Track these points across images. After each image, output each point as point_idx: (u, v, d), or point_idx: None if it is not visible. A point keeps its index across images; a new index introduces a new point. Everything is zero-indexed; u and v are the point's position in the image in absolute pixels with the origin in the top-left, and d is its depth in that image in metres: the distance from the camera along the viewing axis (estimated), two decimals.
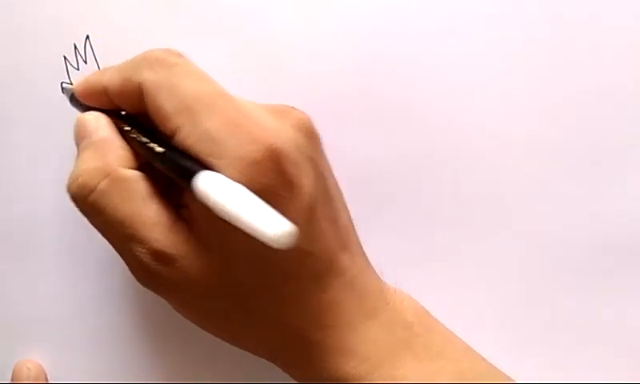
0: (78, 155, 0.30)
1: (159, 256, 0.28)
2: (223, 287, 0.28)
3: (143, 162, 0.30)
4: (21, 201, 0.37)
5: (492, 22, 0.34)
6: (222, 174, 0.26)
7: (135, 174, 0.29)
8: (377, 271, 0.32)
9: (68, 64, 0.35)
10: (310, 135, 0.30)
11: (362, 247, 0.32)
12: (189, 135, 0.27)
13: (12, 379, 0.37)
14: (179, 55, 0.30)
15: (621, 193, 0.34)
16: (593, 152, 0.34)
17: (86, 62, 0.35)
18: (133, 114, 0.31)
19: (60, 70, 0.36)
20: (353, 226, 0.32)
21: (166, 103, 0.28)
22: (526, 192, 0.34)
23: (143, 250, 0.28)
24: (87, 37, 0.35)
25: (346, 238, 0.31)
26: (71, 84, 0.36)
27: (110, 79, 0.30)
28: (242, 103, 0.28)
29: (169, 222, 0.28)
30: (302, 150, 0.28)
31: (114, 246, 0.29)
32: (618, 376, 0.34)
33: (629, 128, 0.33)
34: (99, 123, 0.30)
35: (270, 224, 0.24)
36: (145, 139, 0.29)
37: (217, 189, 0.25)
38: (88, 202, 0.28)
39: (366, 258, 0.32)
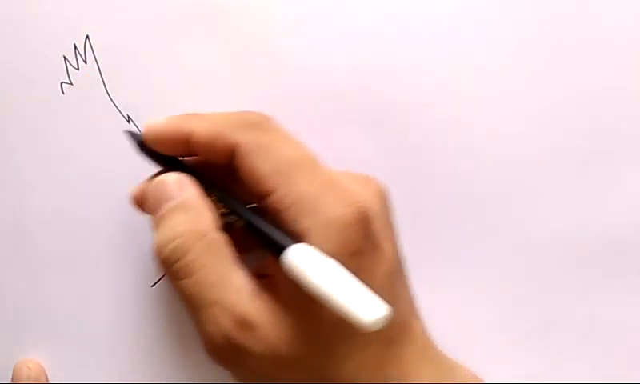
0: (165, 217, 0.29)
1: (241, 322, 0.28)
2: (308, 357, 0.28)
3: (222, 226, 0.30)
4: (21, 201, 0.37)
5: (492, 23, 0.34)
6: (318, 235, 0.27)
7: (225, 238, 0.29)
8: None
9: (68, 64, 0.35)
10: (387, 204, 0.31)
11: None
12: (285, 196, 0.28)
13: (12, 379, 0.37)
14: (274, 120, 0.31)
15: (621, 193, 0.34)
16: (593, 152, 0.34)
17: (85, 62, 0.35)
18: (210, 169, 0.30)
19: (60, 70, 0.36)
20: (413, 295, 0.32)
21: (263, 165, 0.28)
22: (526, 192, 0.34)
23: (226, 315, 0.28)
24: (87, 37, 0.35)
25: (415, 305, 0.31)
26: (71, 84, 0.36)
27: (199, 128, 0.30)
28: (332, 172, 0.30)
29: (254, 289, 0.28)
30: (385, 217, 0.30)
31: (194, 310, 0.29)
32: (618, 376, 0.34)
33: (629, 128, 0.33)
34: (184, 184, 0.30)
35: (365, 308, 0.23)
36: (225, 209, 0.29)
37: (308, 265, 0.25)
38: (182, 264, 0.28)
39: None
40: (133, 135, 0.32)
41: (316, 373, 0.28)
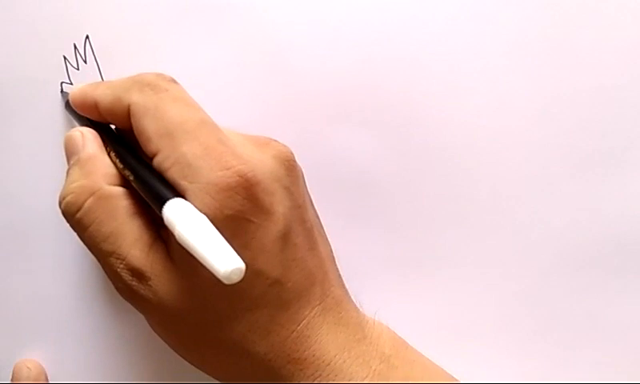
0: (67, 172, 0.31)
1: (135, 273, 0.29)
2: (192, 312, 0.29)
3: None
4: (21, 200, 0.37)
5: (492, 22, 0.34)
6: (195, 198, 0.27)
7: (120, 192, 0.30)
8: (356, 303, 0.32)
9: (68, 64, 0.35)
10: (289, 167, 0.30)
11: (341, 279, 0.32)
12: (167, 158, 0.28)
13: (12, 379, 0.37)
14: (170, 81, 0.31)
15: (621, 193, 0.34)
16: (593, 152, 0.34)
17: (86, 62, 0.35)
18: (121, 129, 0.32)
19: (60, 70, 0.36)
20: (332, 259, 0.32)
21: (149, 126, 0.29)
22: (526, 192, 0.34)
23: (122, 266, 0.29)
24: (87, 37, 0.35)
25: (322, 269, 0.30)
26: (71, 84, 0.36)
27: (101, 95, 0.31)
28: (223, 133, 0.29)
29: (149, 241, 0.29)
30: (279, 180, 0.29)
31: (98, 260, 0.30)
32: (618, 376, 0.34)
33: (629, 128, 0.34)
34: (86, 140, 0.31)
35: (221, 260, 0.24)
36: (120, 165, 0.30)
37: (181, 218, 0.26)
38: (75, 219, 0.30)
39: (345, 290, 0.32)
40: (63, 93, 0.35)
41: (205, 330, 0.29)
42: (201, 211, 0.27)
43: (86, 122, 0.33)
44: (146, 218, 0.30)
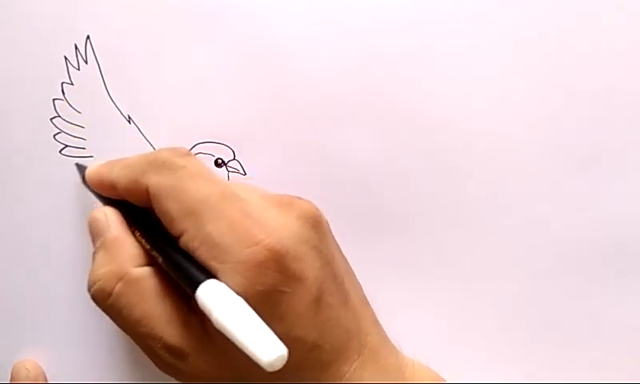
0: (94, 256, 0.31)
1: (173, 351, 0.29)
2: (234, 380, 0.29)
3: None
4: (21, 201, 0.37)
5: (492, 23, 0.34)
6: (227, 278, 0.27)
7: (147, 272, 0.30)
8: (396, 345, 0.32)
9: (69, 64, 0.35)
10: (315, 224, 0.30)
11: (376, 322, 0.32)
12: (193, 239, 0.28)
13: (11, 379, 0.37)
14: (186, 155, 0.30)
15: (621, 193, 0.34)
16: (593, 152, 0.34)
17: (86, 62, 0.35)
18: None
19: (60, 70, 0.36)
20: (365, 303, 0.32)
21: (172, 207, 0.29)
22: (526, 192, 0.34)
23: (159, 346, 0.29)
24: (87, 37, 0.35)
25: (357, 321, 0.30)
26: (72, 84, 0.36)
27: (118, 177, 0.31)
28: (245, 202, 0.29)
29: (183, 317, 0.29)
30: (306, 242, 0.29)
31: (134, 341, 0.30)
32: (618, 376, 0.34)
33: (629, 128, 0.34)
34: (110, 222, 0.31)
35: (263, 349, 0.24)
36: (146, 245, 0.30)
37: (217, 303, 0.26)
38: (107, 306, 0.30)
39: (382, 333, 0.32)
40: (79, 168, 0.34)
41: None
42: (235, 289, 0.26)
43: (106, 199, 0.32)
44: (177, 294, 0.29)
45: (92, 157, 0.36)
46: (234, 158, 0.36)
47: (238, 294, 0.26)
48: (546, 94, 0.34)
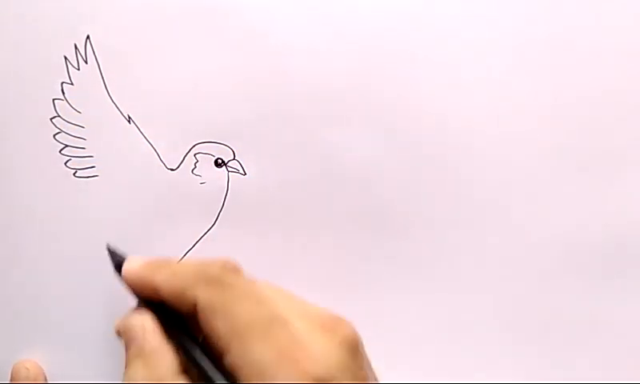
0: (129, 364, 0.30)
1: None
2: None
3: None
4: (21, 201, 0.37)
5: (492, 23, 0.34)
6: None
7: (187, 379, 0.29)
8: None
9: (69, 64, 0.35)
10: (356, 352, 0.30)
11: None
12: (238, 360, 0.28)
13: (11, 380, 0.37)
14: (235, 271, 0.30)
15: (621, 193, 0.34)
16: (593, 153, 0.34)
17: (86, 62, 0.35)
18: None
19: (60, 70, 0.36)
20: None
21: (218, 327, 0.28)
22: (526, 192, 0.34)
23: None
24: (87, 37, 0.35)
25: None
26: (72, 84, 0.36)
27: (164, 284, 0.30)
28: (293, 326, 0.29)
29: None
30: (347, 370, 0.29)
31: None
32: (618, 376, 0.34)
33: (629, 129, 0.34)
34: (147, 332, 0.31)
35: None
36: (185, 358, 0.30)
37: None
38: None
39: None
40: (112, 254, 0.33)
41: None
42: None
43: (142, 300, 0.32)
44: None
45: (92, 156, 0.36)
46: (234, 158, 0.36)
47: None
48: (547, 94, 0.34)
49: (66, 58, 0.36)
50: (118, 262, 0.32)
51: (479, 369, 0.33)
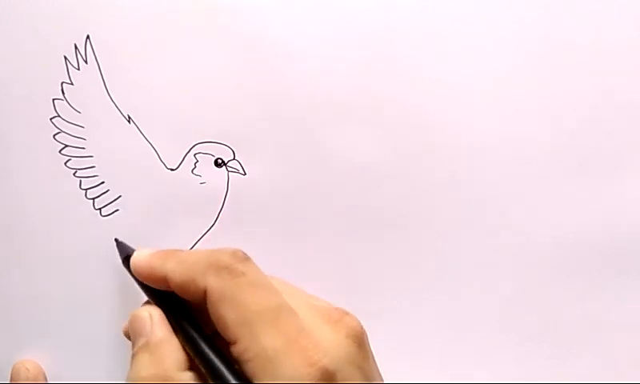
0: (135, 356, 0.31)
1: None
2: None
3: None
4: (21, 201, 0.37)
5: (492, 24, 0.34)
6: None
7: (190, 378, 0.29)
8: None
9: (69, 64, 0.35)
10: (361, 344, 0.30)
11: None
12: (246, 350, 0.28)
13: (11, 380, 0.37)
14: (246, 260, 0.30)
15: (621, 193, 0.34)
16: (593, 153, 0.34)
17: (86, 62, 0.35)
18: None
19: (60, 70, 0.36)
20: None
21: (228, 314, 0.29)
22: (526, 193, 0.34)
23: None
24: (87, 37, 0.35)
25: None
26: (72, 84, 0.36)
27: (173, 271, 0.31)
28: (301, 317, 0.29)
29: None
30: (354, 361, 0.29)
31: None
32: (618, 376, 0.34)
33: (629, 128, 0.34)
34: (154, 324, 0.31)
35: None
36: (191, 351, 0.30)
37: None
38: None
39: None
40: (120, 246, 0.34)
41: None
42: None
43: (148, 288, 0.32)
44: None
45: (92, 156, 0.36)
46: (234, 158, 0.36)
47: None
48: (547, 94, 0.34)
49: (65, 57, 0.36)
50: (126, 254, 0.33)
51: (479, 369, 0.33)
